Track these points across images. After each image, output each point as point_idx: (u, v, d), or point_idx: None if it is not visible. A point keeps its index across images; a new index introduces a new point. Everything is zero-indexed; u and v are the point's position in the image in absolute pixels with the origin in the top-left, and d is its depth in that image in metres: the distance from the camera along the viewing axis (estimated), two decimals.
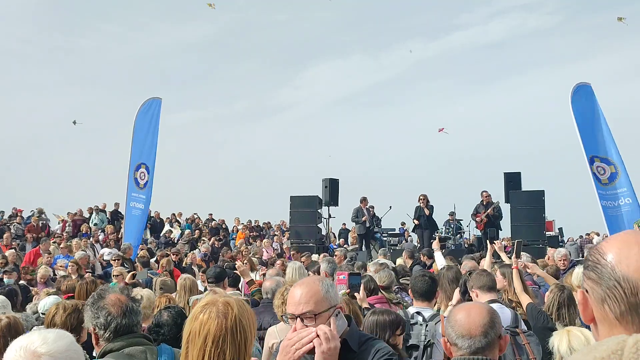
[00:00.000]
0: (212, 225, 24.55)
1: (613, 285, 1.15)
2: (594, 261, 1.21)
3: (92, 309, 2.91)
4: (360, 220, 16.47)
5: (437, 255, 7.85)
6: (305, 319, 2.17)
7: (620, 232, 1.28)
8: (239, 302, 2.07)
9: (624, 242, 1.20)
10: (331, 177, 17.08)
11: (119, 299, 2.93)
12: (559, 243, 19.70)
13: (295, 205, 16.29)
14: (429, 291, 4.35)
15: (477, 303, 3.21)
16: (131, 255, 12.58)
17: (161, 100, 16.48)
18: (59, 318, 3.57)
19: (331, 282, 2.28)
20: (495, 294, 4.45)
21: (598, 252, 1.21)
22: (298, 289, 2.23)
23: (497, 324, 2.35)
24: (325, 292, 2.20)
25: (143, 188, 15.59)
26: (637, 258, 1.15)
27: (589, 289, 1.22)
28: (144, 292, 5.11)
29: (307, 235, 15.99)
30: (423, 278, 4.42)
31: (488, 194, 15.89)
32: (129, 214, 15.35)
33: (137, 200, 15.44)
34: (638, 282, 1.13)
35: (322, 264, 6.79)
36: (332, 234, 24.85)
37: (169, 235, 22.13)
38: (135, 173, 15.42)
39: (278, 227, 26.05)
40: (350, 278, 4.49)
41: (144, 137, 15.73)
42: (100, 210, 22.58)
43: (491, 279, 4.44)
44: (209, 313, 2.01)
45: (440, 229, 19.50)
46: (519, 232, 15.00)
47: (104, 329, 2.85)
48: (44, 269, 9.80)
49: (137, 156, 15.50)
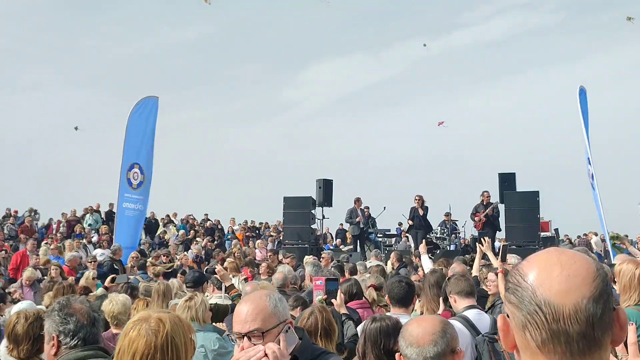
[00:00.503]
0: (207, 226, 24.46)
1: (534, 310, 1.04)
2: (515, 283, 1.10)
3: (59, 314, 2.79)
4: (354, 221, 16.37)
5: (423, 258, 7.74)
6: (253, 337, 2.04)
7: (542, 250, 1.17)
8: (174, 319, 1.96)
9: (545, 262, 1.09)
10: (325, 178, 16.98)
11: (85, 308, 2.83)
12: (554, 244, 19.58)
13: (288, 206, 16.20)
14: (405, 297, 4.25)
15: (433, 316, 3.10)
16: (121, 257, 12.45)
17: (157, 98, 16.25)
18: (21, 328, 3.44)
19: (280, 297, 2.17)
20: (474, 299, 4.35)
21: (519, 274, 1.10)
22: (244, 305, 2.10)
23: (449, 335, 2.24)
24: (273, 307, 2.08)
25: (137, 188, 15.44)
26: (559, 280, 1.04)
27: (509, 313, 1.11)
28: (120, 298, 5.01)
29: (301, 236, 15.90)
30: (400, 284, 4.31)
31: (489, 194, 15.80)
32: (122, 214, 15.22)
33: (130, 200, 15.31)
34: (560, 307, 1.03)
35: (307, 267, 6.69)
36: (329, 234, 24.78)
37: (164, 236, 22.06)
38: (128, 173, 15.28)
39: (274, 227, 25.95)
40: (327, 284, 4.39)
41: (139, 137, 15.54)
42: (94, 210, 22.47)
43: (469, 284, 4.33)
44: (139, 330, 1.91)
45: (435, 229, 19.41)
46: (513, 233, 14.93)
47: (71, 336, 2.73)
48: (30, 271, 9.61)
49: (130, 156, 15.35)
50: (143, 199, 15.58)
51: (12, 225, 20.51)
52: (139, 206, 15.57)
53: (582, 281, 1.04)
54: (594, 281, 1.05)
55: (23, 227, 19.65)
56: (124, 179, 15.14)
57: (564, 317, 1.02)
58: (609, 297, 1.06)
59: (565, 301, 1.03)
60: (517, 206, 14.82)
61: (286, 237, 16.50)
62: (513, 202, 14.91)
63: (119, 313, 4.81)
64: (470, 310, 4.20)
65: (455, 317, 4.19)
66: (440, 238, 19.03)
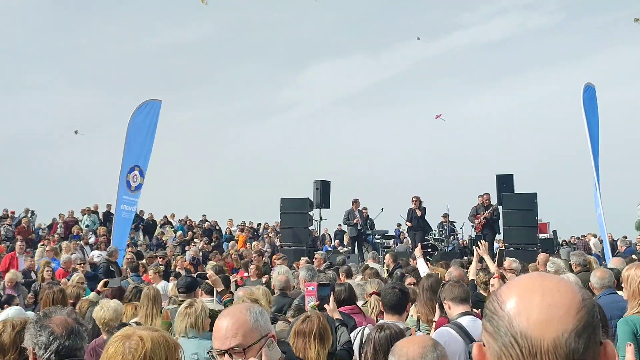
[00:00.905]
0: (205, 227, 24.39)
1: (509, 342, 0.95)
2: (491, 310, 1.01)
3: (35, 326, 2.75)
4: (351, 223, 16.32)
5: (419, 262, 7.64)
6: (234, 354, 1.97)
7: (525, 274, 1.09)
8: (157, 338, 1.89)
9: (526, 288, 1.00)
10: (322, 179, 16.92)
11: (65, 319, 2.77)
12: (553, 246, 19.54)
13: (285, 208, 16.14)
14: (399, 304, 4.19)
15: (425, 336, 3.05)
16: (117, 258, 12.40)
17: (161, 102, 16.12)
18: (7, 337, 3.38)
19: (260, 310, 2.09)
20: (469, 305, 4.29)
21: (496, 300, 1.01)
22: (223, 320, 2.02)
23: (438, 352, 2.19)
24: (254, 321, 2.01)
25: (135, 191, 15.36)
26: (539, 309, 0.95)
27: (485, 342, 1.02)
28: (111, 304, 4.94)
29: (298, 237, 15.83)
30: (393, 290, 4.25)
31: (489, 197, 15.75)
32: (119, 216, 15.14)
33: (127, 203, 15.23)
34: (538, 341, 0.93)
35: (302, 271, 6.59)
36: (328, 235, 24.72)
37: (161, 237, 22.00)
38: (128, 175, 15.17)
39: (272, 228, 25.87)
40: (319, 289, 4.31)
41: (140, 140, 15.42)
42: (92, 211, 22.40)
43: (464, 290, 4.28)
44: (116, 347, 1.85)
45: (433, 230, 19.36)
46: (511, 234, 14.89)
47: (44, 348, 2.68)
48: (12, 273, 9.47)
49: (132, 159, 15.23)
50: (136, 201, 15.56)
51: (8, 226, 20.43)
52: (133, 208, 15.56)
53: (565, 312, 0.95)
54: (577, 313, 0.95)
55: (20, 228, 19.57)
56: (123, 180, 15.05)
57: (541, 352, 0.93)
58: (595, 330, 0.96)
59: (544, 334, 0.93)
60: (515, 208, 14.77)
61: (283, 238, 16.43)
62: (511, 204, 14.87)
63: (110, 319, 4.74)
64: (464, 317, 4.14)
65: (449, 324, 4.14)
66: (439, 239, 18.99)
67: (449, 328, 4.07)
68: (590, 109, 13.63)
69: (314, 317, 3.90)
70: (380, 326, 3.54)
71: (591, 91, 13.96)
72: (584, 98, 13.52)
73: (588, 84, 13.96)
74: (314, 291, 4.30)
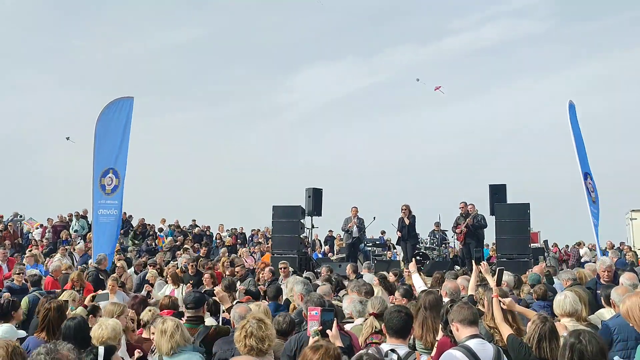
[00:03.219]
0: (196, 232, 24.17)
1: None
2: None
3: None
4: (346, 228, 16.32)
5: (414, 277, 7.55)
6: None
7: None
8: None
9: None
10: (314, 187, 16.82)
11: (70, 356, 2.66)
12: (544, 255, 19.56)
13: (277, 215, 16.00)
14: (404, 328, 4.09)
15: None
16: (106, 266, 12.17)
17: (133, 99, 15.59)
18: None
19: None
20: (477, 328, 4.21)
21: None
22: None
23: None
24: None
25: (111, 194, 14.96)
26: None
27: None
28: (110, 322, 4.76)
29: (289, 245, 15.70)
30: (399, 314, 4.15)
31: (465, 204, 15.76)
32: (97, 222, 14.78)
33: (105, 207, 14.84)
34: None
35: (297, 286, 6.44)
36: (318, 240, 24.58)
37: (151, 242, 21.75)
38: (103, 179, 14.83)
39: (262, 234, 25.68)
40: (323, 314, 4.19)
41: (111, 140, 14.96)
42: (81, 216, 22.10)
43: (472, 312, 4.19)
44: None
45: (425, 239, 19.33)
46: (504, 244, 14.86)
47: None
48: None
49: (104, 161, 14.87)
50: (117, 204, 15.01)
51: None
52: (114, 211, 14.95)
53: None
54: None
55: (6, 233, 19.25)
56: (96, 185, 14.71)
57: None
58: None
59: None
60: (507, 218, 14.73)
61: (275, 246, 16.28)
62: (504, 214, 14.82)
63: (108, 339, 4.59)
64: (472, 339, 4.06)
65: (458, 347, 4.05)
66: (430, 248, 18.96)
67: (457, 351, 3.98)
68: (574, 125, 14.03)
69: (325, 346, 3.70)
70: (360, 356, 3.42)
71: (572, 109, 14.29)
72: (570, 115, 13.90)
73: (570, 102, 14.31)
74: (317, 316, 4.18)
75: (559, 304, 5.49)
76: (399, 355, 3.89)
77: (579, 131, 14.14)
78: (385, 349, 3.99)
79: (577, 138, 13.89)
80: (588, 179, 13.66)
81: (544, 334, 4.37)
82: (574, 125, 14.05)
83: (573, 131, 13.83)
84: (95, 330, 4.61)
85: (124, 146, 15.20)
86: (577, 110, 14.41)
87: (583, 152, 14.09)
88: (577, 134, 13.95)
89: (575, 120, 14.21)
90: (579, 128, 14.18)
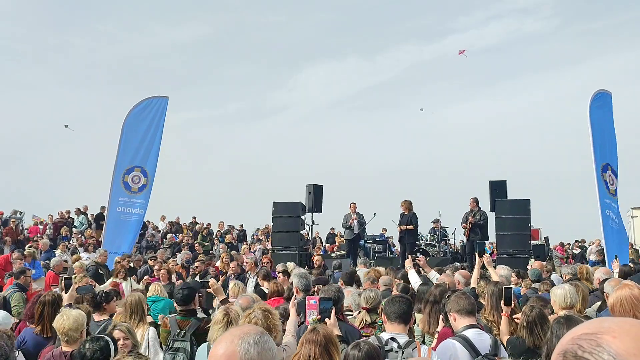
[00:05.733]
0: (197, 229, 24.20)
1: None
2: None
3: None
4: (347, 224, 16.30)
5: (410, 273, 7.60)
6: None
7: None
8: None
9: None
10: (315, 184, 16.81)
11: None
12: (545, 252, 19.54)
13: (277, 212, 15.99)
14: (405, 314, 4.10)
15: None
16: (106, 261, 12.17)
17: (168, 98, 15.56)
18: None
19: (256, 339, 1.84)
20: (474, 318, 4.22)
21: (608, 353, 0.89)
22: (217, 347, 1.75)
23: None
24: (244, 352, 1.74)
25: (138, 192, 14.90)
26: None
27: None
28: (73, 312, 4.64)
29: (290, 241, 15.70)
30: (399, 300, 4.16)
31: (473, 200, 15.73)
32: (116, 219, 14.72)
33: (128, 205, 14.75)
34: None
35: (295, 279, 6.44)
36: (319, 238, 24.59)
37: (152, 239, 21.78)
38: (126, 177, 14.76)
39: (263, 231, 25.69)
40: (321, 303, 4.23)
41: (139, 139, 14.96)
42: (81, 212, 22.11)
43: (470, 302, 4.20)
44: None
45: (425, 236, 19.34)
46: (504, 241, 14.82)
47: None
48: None
49: (128, 159, 14.82)
50: (144, 203, 15.04)
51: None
52: (139, 210, 15.01)
53: None
54: None
55: (7, 230, 19.28)
56: (118, 182, 14.66)
57: None
58: None
59: None
60: (508, 214, 14.69)
61: (275, 242, 16.28)
62: (504, 210, 14.77)
63: (69, 329, 4.46)
64: (470, 329, 4.08)
65: (455, 337, 4.07)
66: (430, 244, 18.97)
67: (454, 341, 3.99)
68: (606, 116, 13.62)
69: (320, 329, 3.76)
70: (357, 344, 3.44)
71: (605, 97, 13.86)
72: (591, 105, 13.44)
73: (600, 91, 13.83)
74: (315, 305, 4.20)
75: (556, 297, 5.45)
76: (399, 344, 3.90)
77: (607, 121, 13.68)
78: (385, 337, 4.00)
79: (599, 128, 13.36)
80: (609, 171, 13.30)
81: (533, 320, 4.36)
82: (599, 116, 13.50)
83: (592, 122, 13.25)
84: (57, 321, 4.53)
85: (155, 146, 15.14)
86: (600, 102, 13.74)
87: (609, 142, 13.60)
88: (600, 124, 13.43)
89: (604, 111, 13.66)
90: (608, 119, 13.70)
